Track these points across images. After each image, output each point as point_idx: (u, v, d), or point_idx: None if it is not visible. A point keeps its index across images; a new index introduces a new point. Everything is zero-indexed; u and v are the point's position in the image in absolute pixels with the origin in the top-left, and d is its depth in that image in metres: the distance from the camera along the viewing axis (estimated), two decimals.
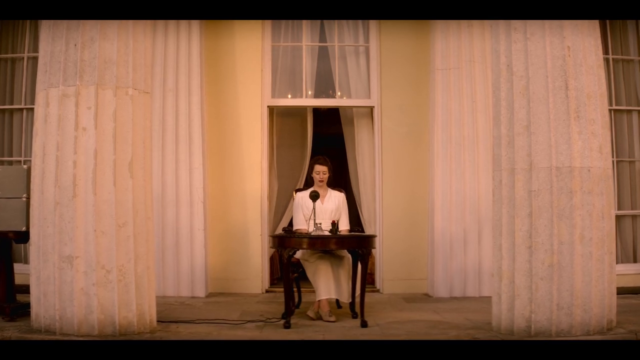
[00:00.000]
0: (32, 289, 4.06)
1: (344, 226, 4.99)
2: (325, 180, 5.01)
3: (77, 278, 3.91)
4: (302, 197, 5.00)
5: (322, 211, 4.87)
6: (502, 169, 4.13)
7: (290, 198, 6.93)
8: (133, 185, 4.01)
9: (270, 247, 4.81)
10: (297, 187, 6.79)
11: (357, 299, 4.67)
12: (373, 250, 5.02)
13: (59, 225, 3.93)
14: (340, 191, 5.14)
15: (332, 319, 4.63)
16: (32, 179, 4.11)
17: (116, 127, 3.98)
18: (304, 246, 4.30)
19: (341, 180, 8.13)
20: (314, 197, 4.62)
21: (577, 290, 3.96)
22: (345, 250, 4.67)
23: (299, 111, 7.19)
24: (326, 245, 4.33)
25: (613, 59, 6.65)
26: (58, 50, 4.04)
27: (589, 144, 4.03)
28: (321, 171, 4.96)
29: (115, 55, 4.01)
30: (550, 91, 4.02)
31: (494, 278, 4.23)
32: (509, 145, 4.10)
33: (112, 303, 3.93)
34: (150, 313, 4.17)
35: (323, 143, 7.89)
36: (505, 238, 4.10)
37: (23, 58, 6.68)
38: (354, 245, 4.38)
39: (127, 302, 3.99)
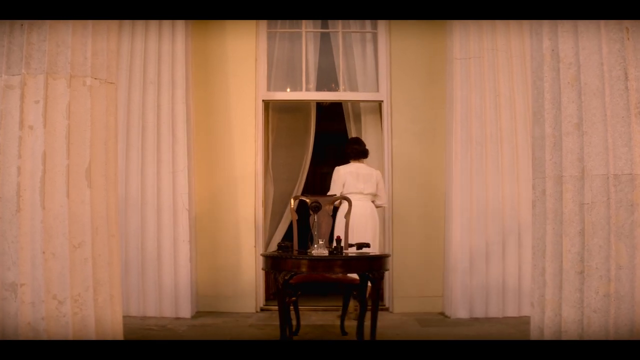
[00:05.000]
0: None
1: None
2: None
3: (23, 310, 3.17)
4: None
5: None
6: (546, 176, 3.38)
7: (288, 204, 6.21)
8: (91, 196, 3.28)
9: (262, 269, 4.06)
10: (295, 194, 6.09)
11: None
12: None
13: (0, 246, 3.19)
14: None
15: None
16: None
17: (70, 125, 3.24)
18: (303, 269, 3.55)
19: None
20: (315, 208, 3.87)
21: (638, 325, 3.22)
22: None
23: (298, 106, 6.47)
24: (330, 269, 3.57)
25: None
26: (1, 31, 3.29)
27: None
28: None
29: (70, 37, 3.26)
30: (606, 81, 3.27)
31: (534, 309, 3.48)
32: (555, 148, 3.35)
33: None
34: None
35: (325, 142, 7.16)
36: (550, 261, 3.35)
37: None
38: (364, 268, 3.64)
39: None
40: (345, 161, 5.55)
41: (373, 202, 5.46)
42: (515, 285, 5.41)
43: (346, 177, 5.36)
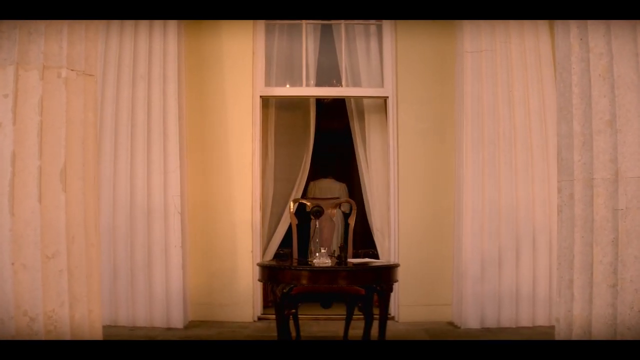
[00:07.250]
0: None
1: None
2: None
3: None
4: None
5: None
6: (574, 179, 3.05)
7: (287, 205, 5.88)
8: (67, 201, 2.95)
9: (259, 280, 3.71)
10: (295, 196, 5.75)
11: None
12: None
13: None
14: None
15: None
16: None
17: (43, 122, 2.91)
18: (304, 281, 3.21)
19: (348, 184, 7.13)
20: (317, 213, 3.54)
21: None
22: None
23: (298, 103, 6.15)
24: (333, 281, 3.23)
25: None
26: None
27: None
28: None
29: (44, 24, 2.93)
30: None
31: (560, 325, 3.16)
32: (585, 147, 3.02)
33: None
34: None
35: (326, 141, 6.83)
36: (579, 273, 3.02)
37: None
38: (371, 280, 3.30)
39: None
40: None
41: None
42: (529, 292, 5.09)
43: (314, 191, 7.06)
